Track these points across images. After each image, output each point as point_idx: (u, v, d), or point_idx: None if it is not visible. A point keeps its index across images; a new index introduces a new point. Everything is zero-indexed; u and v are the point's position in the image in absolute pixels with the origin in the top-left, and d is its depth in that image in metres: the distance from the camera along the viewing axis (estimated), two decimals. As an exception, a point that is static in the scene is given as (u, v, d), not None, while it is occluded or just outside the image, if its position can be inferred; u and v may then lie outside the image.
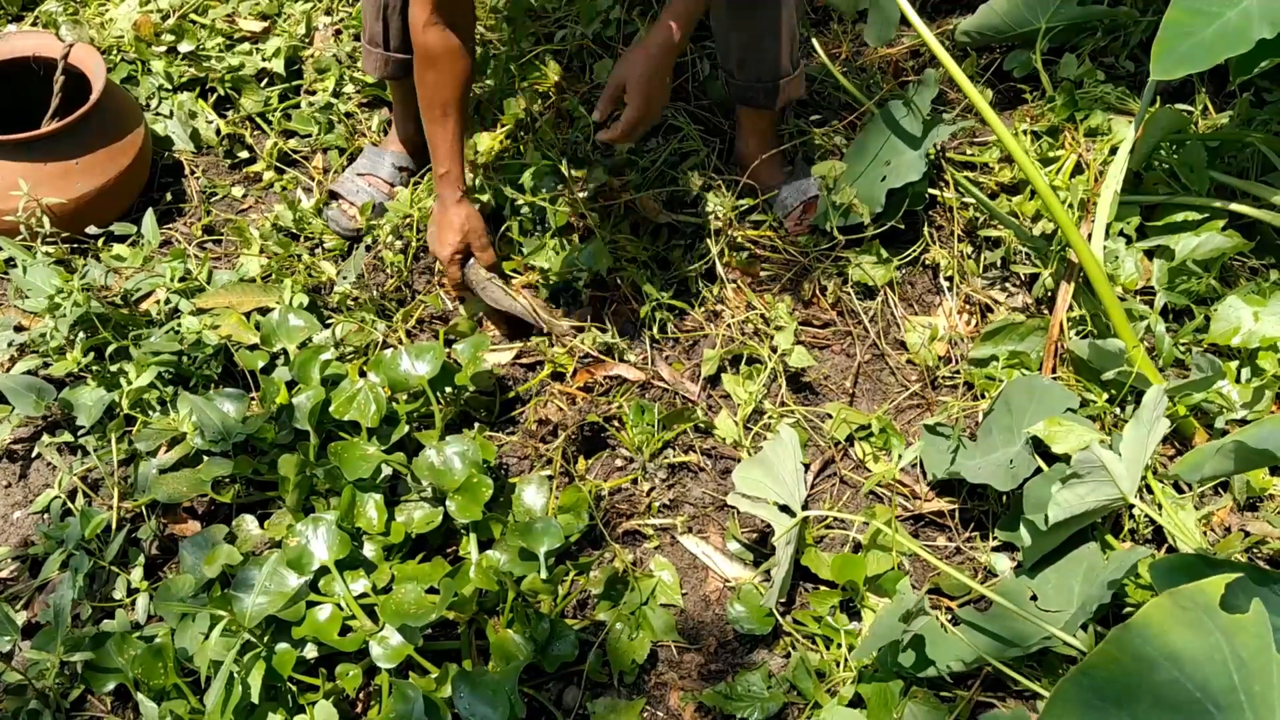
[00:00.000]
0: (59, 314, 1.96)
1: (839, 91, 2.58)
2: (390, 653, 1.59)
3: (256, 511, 1.86)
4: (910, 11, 2.04)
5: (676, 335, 2.18)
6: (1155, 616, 1.10)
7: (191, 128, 2.55)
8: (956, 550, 1.86)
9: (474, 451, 1.81)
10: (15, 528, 1.89)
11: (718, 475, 1.99)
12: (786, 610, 1.77)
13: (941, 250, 2.24)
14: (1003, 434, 1.87)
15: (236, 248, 2.33)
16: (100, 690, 1.62)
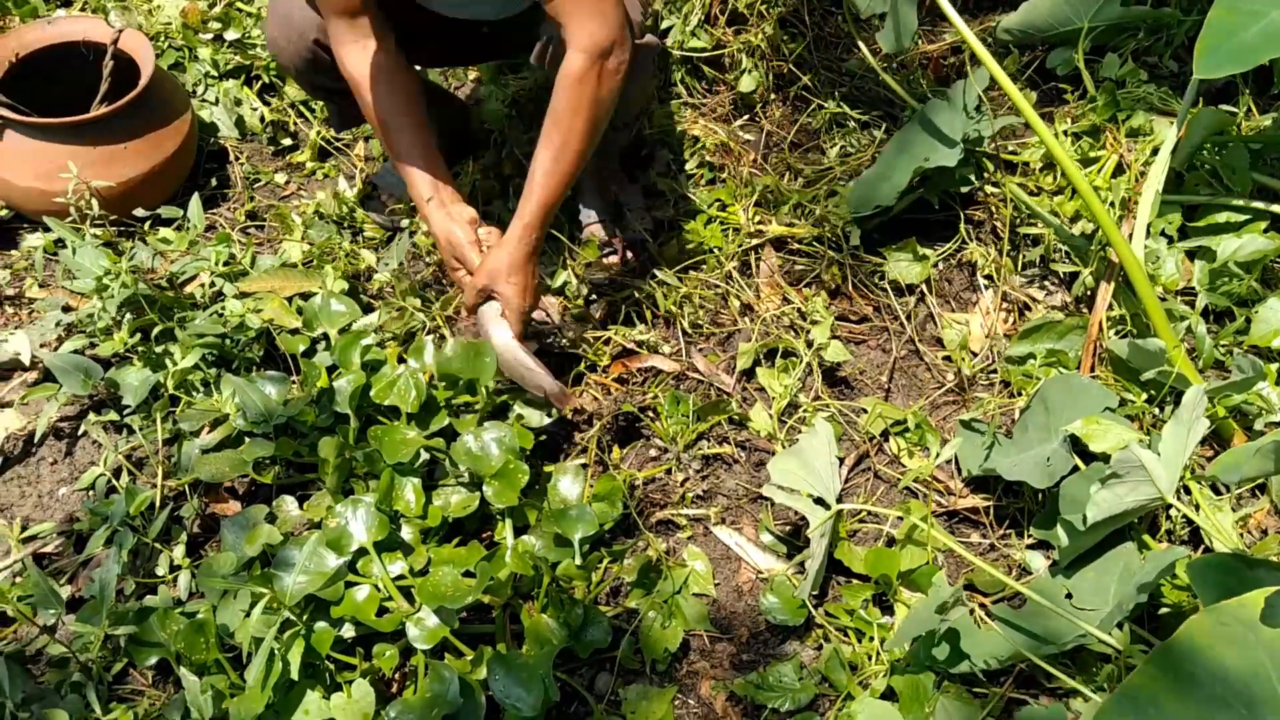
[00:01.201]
0: (107, 295, 1.99)
1: (880, 87, 2.58)
2: (427, 634, 1.61)
3: (296, 493, 1.89)
4: (950, 10, 2.04)
5: (711, 330, 2.19)
6: (1197, 634, 1.10)
7: (236, 114, 2.59)
8: (991, 547, 1.86)
9: (511, 438, 1.82)
10: (61, 504, 1.93)
11: (751, 467, 1.99)
12: (819, 602, 1.78)
13: (980, 248, 2.24)
14: (1039, 432, 1.87)
15: (279, 233, 2.36)
16: (142, 664, 1.65)
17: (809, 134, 2.59)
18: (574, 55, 1.72)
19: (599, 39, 1.71)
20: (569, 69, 1.73)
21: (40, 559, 1.85)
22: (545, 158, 1.78)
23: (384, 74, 1.86)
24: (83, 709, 1.60)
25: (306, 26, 1.97)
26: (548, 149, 1.77)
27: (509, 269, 1.82)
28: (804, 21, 2.70)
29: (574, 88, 1.73)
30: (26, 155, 2.21)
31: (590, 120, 1.76)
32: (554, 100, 1.76)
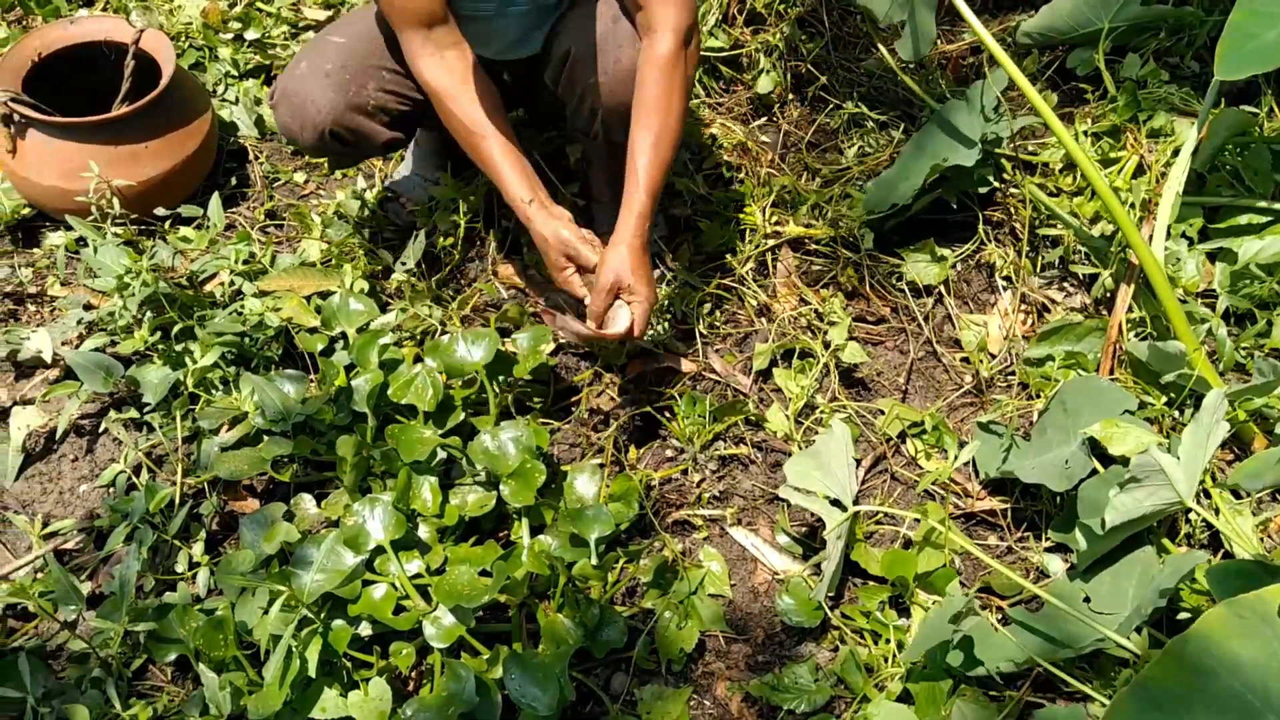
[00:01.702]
0: (128, 293, 2.01)
1: (898, 87, 2.58)
2: (443, 633, 1.61)
3: (314, 491, 1.90)
4: (968, 12, 2.03)
5: (728, 331, 2.18)
6: (1214, 626, 1.10)
7: (256, 114, 2.60)
8: (1008, 550, 1.85)
9: (528, 438, 1.83)
10: (82, 500, 1.94)
11: (768, 468, 1.99)
12: (835, 604, 1.78)
13: (998, 249, 2.23)
14: (1058, 434, 1.86)
15: (298, 232, 2.37)
16: (162, 660, 1.66)
17: (827, 134, 2.59)
18: (662, 38, 1.74)
19: (683, 21, 1.74)
20: (660, 53, 1.74)
21: (61, 555, 1.86)
22: (646, 145, 1.76)
23: (467, 83, 1.83)
24: (102, 704, 1.61)
25: (321, 119, 1.94)
26: (647, 136, 1.76)
27: (635, 264, 1.77)
28: (822, 21, 2.70)
29: (668, 71, 1.75)
30: (49, 154, 2.23)
31: (683, 102, 1.78)
32: (646, 88, 1.76)
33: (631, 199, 1.77)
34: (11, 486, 1.95)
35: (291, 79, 1.96)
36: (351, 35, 2.00)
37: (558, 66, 1.94)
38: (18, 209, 2.35)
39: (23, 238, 2.38)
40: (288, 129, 1.99)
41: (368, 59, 1.97)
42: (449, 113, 1.84)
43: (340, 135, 1.97)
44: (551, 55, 1.96)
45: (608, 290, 1.78)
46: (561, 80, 1.96)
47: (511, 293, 2.29)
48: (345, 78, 1.94)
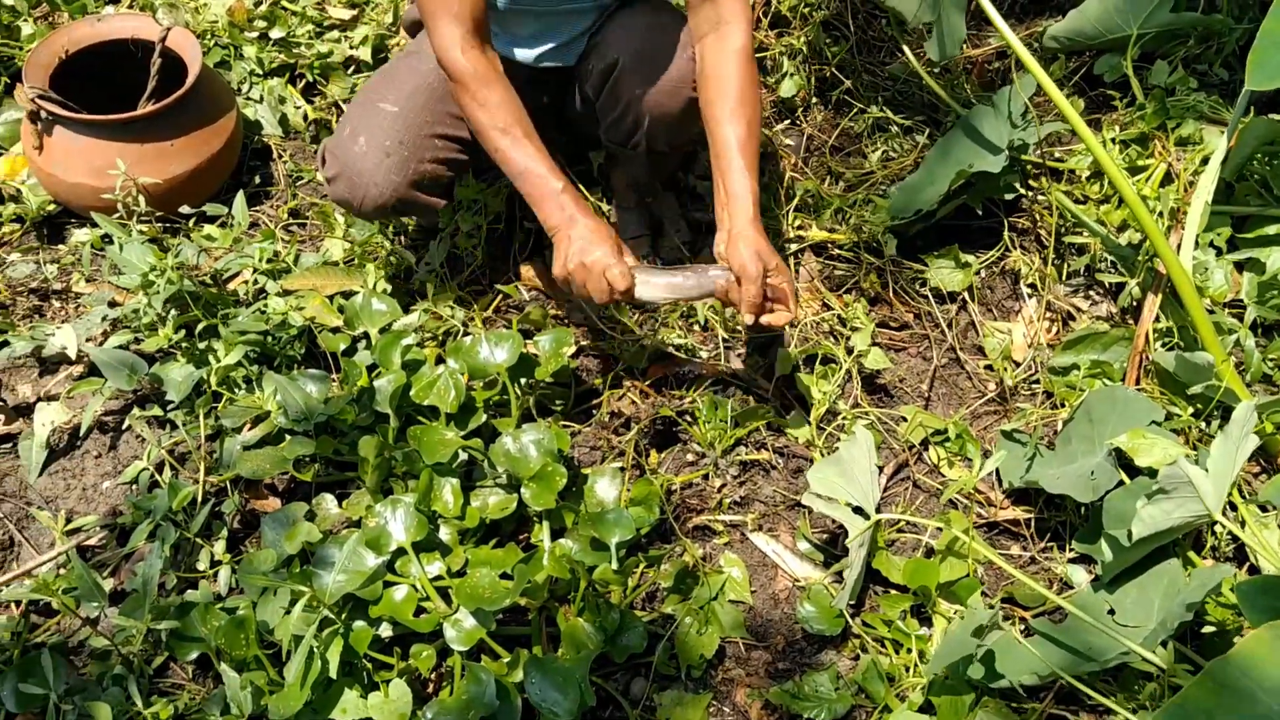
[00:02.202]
0: (152, 291, 2.01)
1: (924, 92, 2.56)
2: (464, 635, 1.61)
3: (335, 491, 1.90)
4: (995, 15, 2.02)
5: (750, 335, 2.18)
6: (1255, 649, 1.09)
7: (280, 113, 2.61)
8: (1031, 560, 1.84)
9: (550, 440, 1.82)
10: (105, 497, 1.95)
11: (789, 474, 1.99)
12: (856, 612, 1.77)
13: (1023, 256, 2.21)
14: (1083, 444, 1.85)
15: (321, 231, 2.38)
16: (184, 658, 1.67)
17: (850, 138, 2.58)
18: (735, 30, 1.78)
19: (750, 14, 1.81)
20: (737, 45, 1.78)
21: (84, 552, 1.87)
22: (741, 132, 1.75)
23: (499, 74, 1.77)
24: (124, 701, 1.61)
25: (384, 199, 1.93)
26: (740, 124, 1.76)
27: (768, 244, 1.72)
28: (847, 25, 2.69)
29: (747, 61, 1.79)
30: (75, 151, 2.24)
31: (759, 90, 1.81)
32: (728, 80, 1.77)
33: (741, 185, 1.74)
34: (36, 482, 1.96)
35: (349, 155, 1.92)
36: (403, 101, 1.95)
37: (601, 77, 1.94)
38: (44, 205, 2.36)
39: (49, 234, 2.39)
40: (345, 203, 1.98)
41: (422, 128, 1.94)
42: (489, 102, 1.73)
43: (399, 208, 1.98)
44: (593, 66, 1.96)
45: (759, 277, 1.68)
46: (605, 91, 1.95)
47: (533, 294, 2.29)
48: (404, 155, 1.92)
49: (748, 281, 1.68)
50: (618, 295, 1.68)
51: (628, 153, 2.09)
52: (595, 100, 2.00)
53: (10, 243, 2.36)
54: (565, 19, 1.99)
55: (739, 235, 1.71)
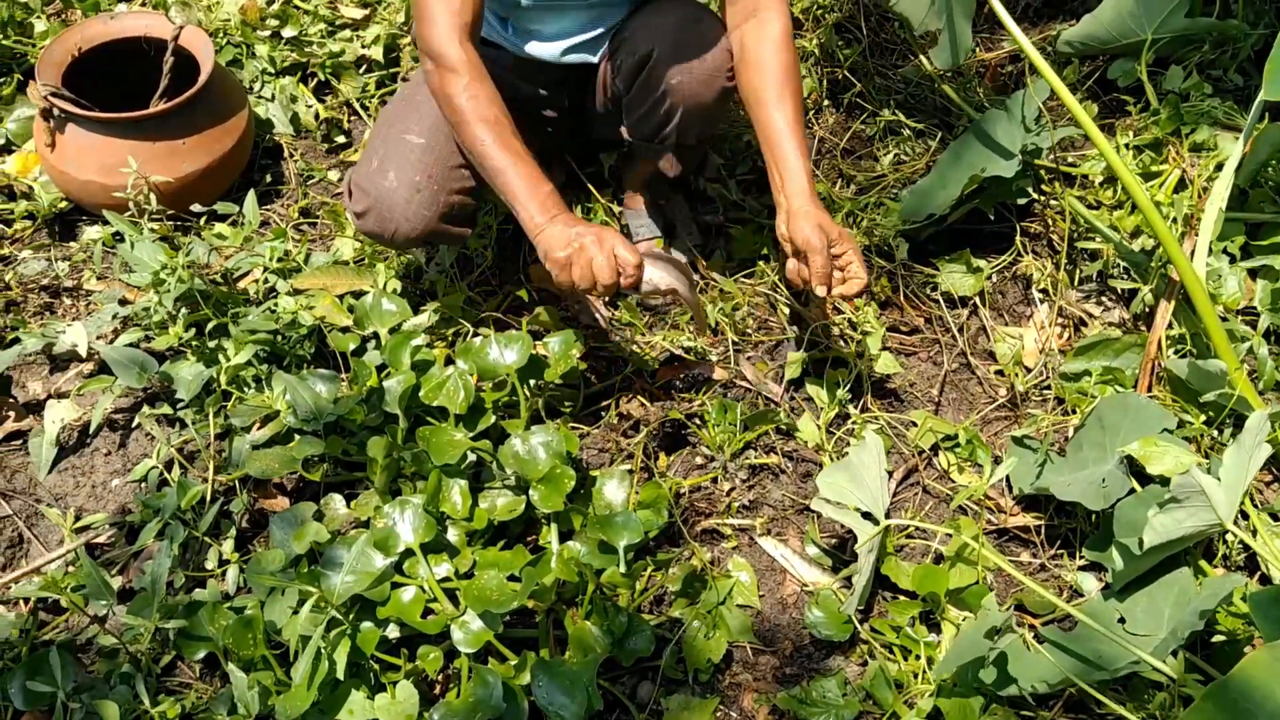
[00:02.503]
0: (163, 289, 2.01)
1: (936, 95, 2.55)
2: (471, 637, 1.61)
3: (344, 491, 1.90)
4: (1008, 20, 2.01)
5: (760, 339, 2.17)
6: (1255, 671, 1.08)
7: (292, 111, 2.61)
8: (1041, 567, 1.83)
9: (558, 443, 1.82)
10: (114, 495, 1.95)
11: (798, 478, 1.98)
12: (864, 618, 1.76)
13: (1035, 261, 2.20)
14: (1094, 450, 1.84)
15: (331, 230, 2.38)
16: (191, 657, 1.67)
17: (862, 141, 2.57)
18: (774, 17, 1.81)
19: (785, 1, 1.81)
20: (777, 31, 1.81)
21: (92, 549, 1.87)
22: (789, 115, 1.78)
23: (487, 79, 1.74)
24: (131, 700, 1.61)
25: (415, 233, 1.91)
26: (787, 107, 1.79)
27: (829, 218, 1.74)
28: (860, 28, 2.68)
29: (789, 46, 1.81)
30: (87, 149, 2.24)
31: (800, 74, 1.84)
32: (771, 65, 1.80)
33: (795, 164, 1.76)
34: (45, 479, 1.97)
35: (380, 190, 1.89)
36: (428, 132, 1.92)
37: (634, 70, 1.94)
38: (55, 202, 2.37)
39: (60, 231, 2.39)
40: (376, 236, 1.95)
41: (449, 159, 1.92)
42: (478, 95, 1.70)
43: (428, 239, 1.96)
44: (622, 60, 1.95)
45: (824, 248, 1.70)
46: (637, 84, 1.95)
47: (543, 295, 2.28)
48: (434, 189, 1.90)
49: (814, 254, 1.70)
50: (626, 275, 1.64)
51: (654, 147, 2.07)
52: (626, 94, 1.99)
53: (22, 240, 2.37)
54: (592, 14, 1.99)
55: (799, 212, 1.74)
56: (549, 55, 2.02)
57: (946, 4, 2.20)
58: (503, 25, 2.03)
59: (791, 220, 1.74)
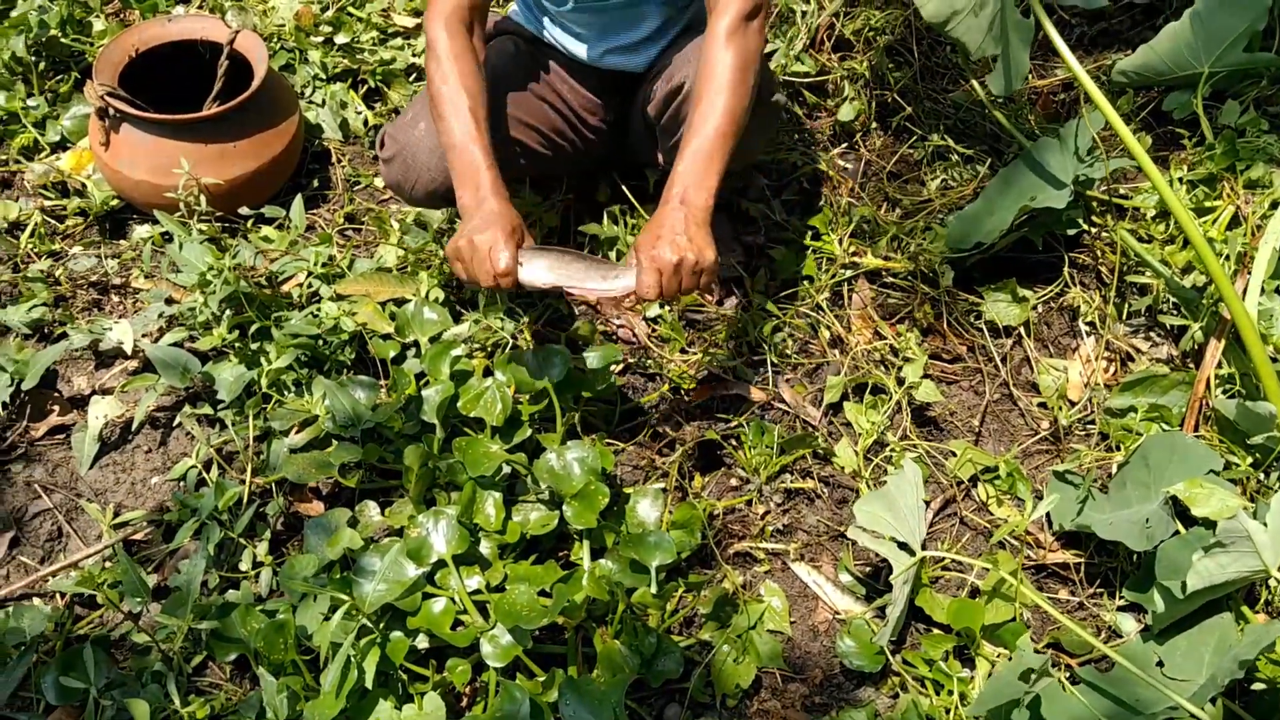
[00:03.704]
0: (209, 291, 2.03)
1: (987, 121, 2.53)
2: (500, 652, 1.61)
3: (378, 498, 1.91)
4: (1065, 49, 1.99)
5: (799, 361, 2.16)
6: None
7: (341, 117, 2.63)
8: (1079, 605, 1.80)
9: (594, 459, 1.82)
10: (153, 492, 1.97)
11: (834, 504, 1.96)
12: (896, 649, 1.74)
13: (1083, 293, 2.17)
14: (1138, 489, 1.81)
15: (375, 237, 2.39)
16: (222, 659, 1.68)
17: (909, 164, 2.55)
18: (720, 14, 1.73)
19: (748, 2, 1.73)
20: (726, 25, 1.72)
21: (129, 546, 1.89)
22: (697, 119, 1.70)
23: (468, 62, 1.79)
24: (162, 699, 1.63)
25: (435, 184, 1.96)
26: (697, 112, 1.71)
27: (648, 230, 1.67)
28: (911, 50, 2.66)
29: (732, 40, 1.72)
30: (140, 149, 2.27)
31: (742, 75, 1.72)
32: (706, 64, 1.73)
33: (676, 170, 1.71)
34: (86, 474, 1.99)
35: (408, 138, 1.95)
36: None
37: (665, 100, 1.94)
38: (108, 200, 2.40)
39: (111, 229, 2.42)
40: (397, 186, 2.01)
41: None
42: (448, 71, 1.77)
43: (449, 197, 1.95)
44: (657, 89, 1.97)
45: (634, 249, 1.68)
46: (667, 114, 1.95)
47: (583, 310, 2.28)
48: None
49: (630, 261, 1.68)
50: (499, 278, 1.65)
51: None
52: (658, 122, 2.00)
53: (73, 236, 2.40)
54: (624, 18, 2.00)
55: (647, 226, 1.69)
56: (590, 57, 2.06)
57: (1003, 31, 2.18)
58: (551, 24, 2.07)
59: (645, 228, 1.70)
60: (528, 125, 2.07)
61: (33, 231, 2.36)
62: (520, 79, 2.06)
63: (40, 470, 2.00)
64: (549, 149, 2.13)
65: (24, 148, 2.55)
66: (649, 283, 1.63)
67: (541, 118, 2.10)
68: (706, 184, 1.70)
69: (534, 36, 2.12)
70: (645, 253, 1.63)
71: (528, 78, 2.08)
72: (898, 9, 2.69)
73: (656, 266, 1.63)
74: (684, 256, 1.62)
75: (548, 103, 2.10)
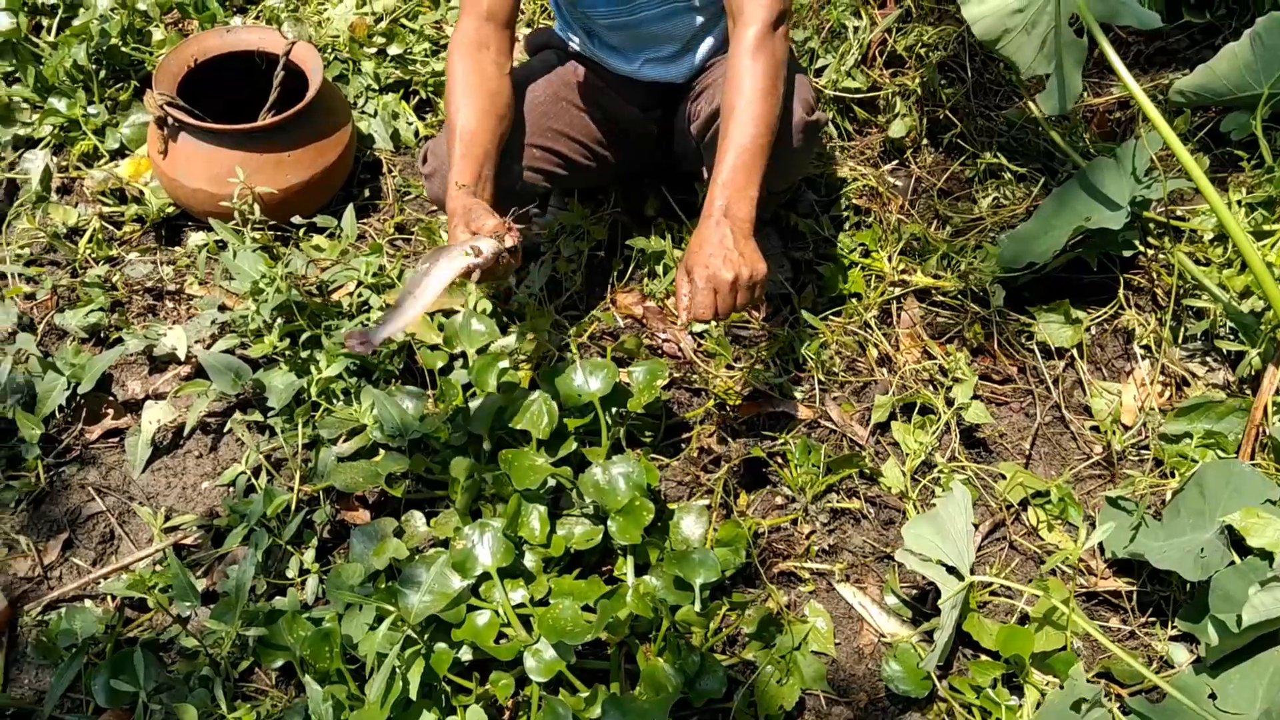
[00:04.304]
0: (261, 299, 2.06)
1: (1040, 139, 2.50)
2: (544, 666, 1.60)
3: (424, 508, 1.91)
4: (1121, 68, 1.96)
5: (847, 379, 2.14)
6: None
7: (393, 128, 2.66)
8: (1131, 634, 1.77)
9: (639, 474, 1.81)
10: (203, 497, 1.99)
11: (880, 525, 1.94)
12: (943, 675, 1.72)
13: (1138, 316, 2.14)
14: (1192, 518, 1.77)
15: (425, 247, 2.41)
16: (269, 665, 1.69)
17: (960, 182, 2.53)
18: (744, 24, 1.72)
19: (771, 13, 1.72)
20: (747, 41, 1.72)
21: (179, 550, 1.91)
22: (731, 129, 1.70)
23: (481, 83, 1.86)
24: (209, 703, 1.64)
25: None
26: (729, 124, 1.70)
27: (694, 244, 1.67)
28: (964, 67, 2.64)
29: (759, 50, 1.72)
30: (197, 158, 2.31)
31: (772, 83, 1.72)
32: (734, 77, 1.72)
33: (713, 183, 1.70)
34: (139, 478, 2.02)
35: (444, 150, 1.96)
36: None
37: (708, 122, 1.94)
38: (164, 208, 2.44)
39: (166, 236, 2.46)
40: (438, 200, 2.03)
41: (521, 136, 2.00)
42: (449, 95, 1.87)
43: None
44: (701, 109, 1.97)
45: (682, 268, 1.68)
46: (709, 135, 1.95)
47: (629, 323, 2.28)
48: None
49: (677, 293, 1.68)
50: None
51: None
52: (701, 141, 2.00)
53: (131, 242, 2.44)
54: (657, 30, 2.01)
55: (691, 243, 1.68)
56: (628, 70, 2.07)
57: (1057, 49, 2.15)
58: (590, 39, 2.08)
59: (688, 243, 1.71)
60: (568, 137, 2.09)
61: (91, 237, 2.41)
62: (560, 91, 2.08)
63: (94, 473, 2.03)
64: (590, 159, 2.14)
65: (84, 154, 2.61)
66: (705, 303, 1.62)
67: (582, 129, 2.11)
68: (748, 194, 1.69)
69: (576, 53, 2.14)
70: (699, 272, 1.62)
71: (568, 90, 2.10)
72: (951, 25, 2.67)
73: (713, 285, 1.62)
74: (738, 272, 1.62)
75: (587, 114, 2.11)
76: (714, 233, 1.65)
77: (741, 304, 1.65)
